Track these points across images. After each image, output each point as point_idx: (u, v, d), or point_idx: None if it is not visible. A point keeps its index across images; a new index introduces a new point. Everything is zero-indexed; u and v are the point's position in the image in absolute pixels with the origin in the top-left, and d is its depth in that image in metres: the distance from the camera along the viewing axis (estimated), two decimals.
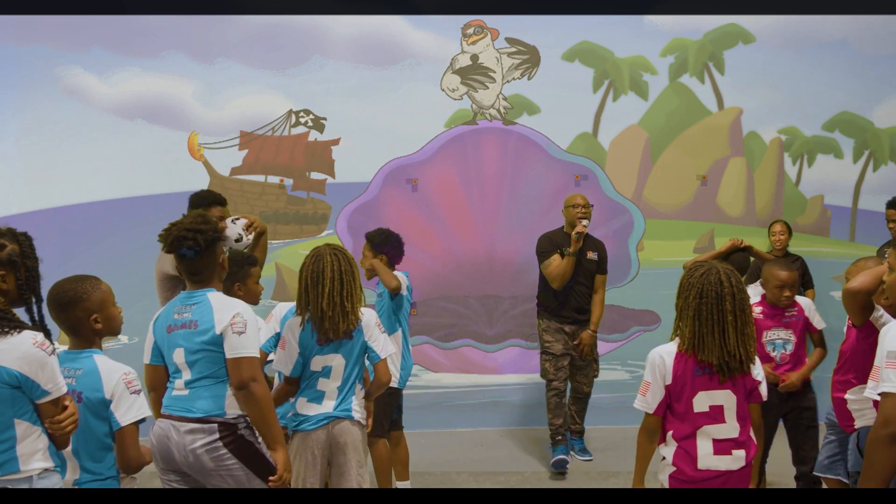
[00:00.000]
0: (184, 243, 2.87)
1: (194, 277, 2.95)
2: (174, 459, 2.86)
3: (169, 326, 2.93)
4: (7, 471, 2.25)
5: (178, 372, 2.91)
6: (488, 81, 6.36)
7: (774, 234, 5.98)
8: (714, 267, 2.78)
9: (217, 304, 2.89)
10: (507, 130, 6.46)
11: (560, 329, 5.35)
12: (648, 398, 2.84)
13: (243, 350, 2.84)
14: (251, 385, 2.82)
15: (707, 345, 2.73)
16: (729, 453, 2.78)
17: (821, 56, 6.68)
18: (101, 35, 6.15)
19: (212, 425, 2.83)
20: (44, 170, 6.18)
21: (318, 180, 6.37)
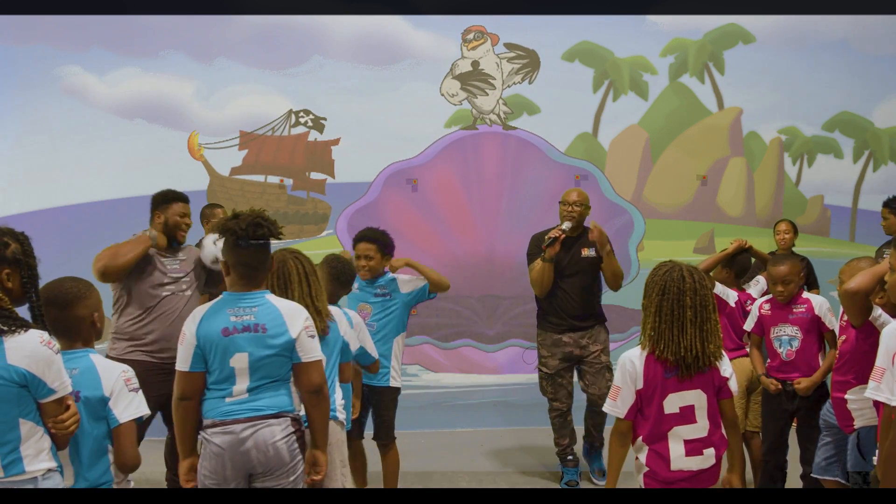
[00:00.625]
0: (259, 231, 2.78)
1: (254, 273, 2.84)
2: (248, 460, 2.78)
3: (225, 329, 2.77)
4: (12, 472, 2.25)
5: (231, 378, 2.79)
6: (488, 88, 6.37)
7: (779, 233, 5.94)
8: (677, 265, 2.81)
9: (283, 308, 2.84)
10: (507, 133, 6.46)
11: (557, 341, 4.83)
12: (619, 403, 2.86)
13: (316, 354, 2.84)
14: (325, 387, 2.86)
15: (664, 340, 2.76)
16: (700, 453, 2.82)
17: (821, 56, 6.68)
18: (101, 35, 6.15)
19: (286, 419, 2.84)
20: (44, 170, 6.18)
21: (318, 180, 6.37)
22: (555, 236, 4.61)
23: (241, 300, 2.82)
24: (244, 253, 2.81)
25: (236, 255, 2.83)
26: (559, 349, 4.83)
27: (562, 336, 4.83)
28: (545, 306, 4.89)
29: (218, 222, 2.86)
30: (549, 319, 4.87)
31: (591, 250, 4.79)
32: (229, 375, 2.79)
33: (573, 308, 4.81)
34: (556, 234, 4.63)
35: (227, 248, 2.83)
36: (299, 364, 2.82)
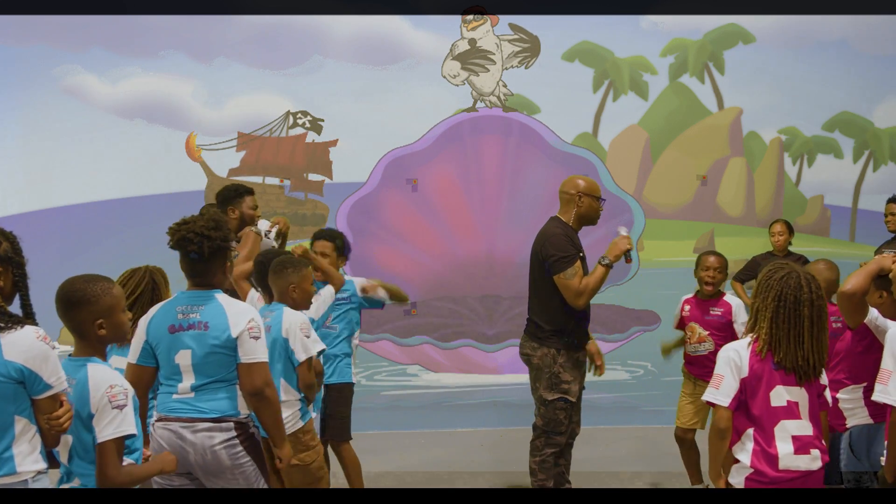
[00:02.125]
0: (189, 246, 2.84)
1: (197, 280, 2.92)
2: (187, 461, 2.82)
3: (172, 326, 2.85)
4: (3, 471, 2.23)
5: (177, 374, 2.85)
6: (488, 64, 6.35)
7: (774, 234, 5.96)
8: (794, 271, 2.75)
9: (230, 307, 2.87)
10: (508, 122, 6.43)
11: (578, 362, 4.08)
12: (722, 390, 2.74)
13: (258, 356, 2.83)
14: (266, 390, 2.84)
15: (783, 348, 2.71)
16: (808, 452, 2.72)
17: (821, 56, 6.68)
18: (101, 35, 6.15)
19: (228, 424, 2.83)
20: (44, 170, 6.18)
21: (316, 181, 6.37)
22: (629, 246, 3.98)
23: (192, 299, 2.88)
24: (184, 262, 2.91)
25: (180, 262, 2.93)
26: (580, 371, 4.08)
27: (579, 355, 4.07)
28: (574, 323, 4.00)
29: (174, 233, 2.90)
30: (574, 336, 4.02)
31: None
32: (175, 371, 2.86)
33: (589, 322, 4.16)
34: (629, 243, 3.99)
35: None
36: (240, 365, 2.83)
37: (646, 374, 6.40)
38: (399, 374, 6.40)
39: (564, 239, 3.92)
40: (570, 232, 3.97)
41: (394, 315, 6.26)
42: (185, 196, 6.20)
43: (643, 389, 6.28)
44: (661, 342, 4.91)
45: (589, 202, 4.00)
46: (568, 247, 3.89)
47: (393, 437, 5.50)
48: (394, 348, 6.36)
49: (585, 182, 4.05)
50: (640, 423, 6.05)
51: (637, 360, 6.34)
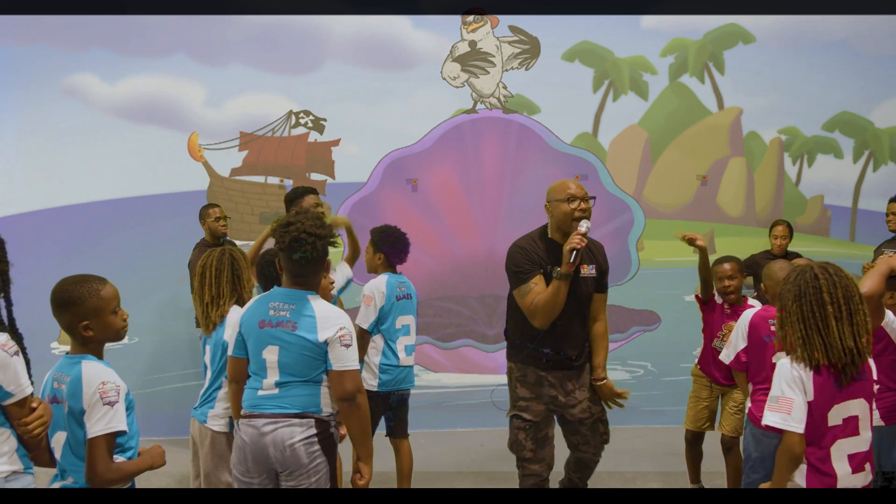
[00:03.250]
0: (302, 247, 2.82)
1: (299, 280, 2.90)
2: (267, 457, 2.82)
3: (262, 321, 2.87)
4: None
5: (263, 370, 2.86)
6: (488, 66, 6.35)
7: (776, 237, 5.93)
8: (806, 266, 2.64)
9: (321, 312, 2.85)
10: (508, 123, 6.45)
11: (541, 380, 3.68)
12: (794, 416, 2.52)
13: (350, 363, 2.82)
14: (358, 397, 2.84)
15: (815, 346, 2.53)
16: (863, 469, 2.61)
17: (821, 56, 6.68)
18: (101, 35, 6.15)
19: (309, 420, 2.83)
20: (44, 170, 6.18)
21: (319, 181, 6.37)
22: (577, 245, 3.43)
23: (286, 297, 2.88)
24: (288, 261, 2.88)
25: (282, 259, 2.92)
26: (543, 391, 3.69)
27: (546, 374, 3.68)
28: (530, 336, 3.65)
29: (275, 222, 2.92)
30: (532, 353, 3.67)
31: (592, 268, 3.70)
32: (262, 367, 2.87)
33: (569, 342, 3.67)
34: (578, 242, 3.44)
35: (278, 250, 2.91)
36: (331, 371, 2.82)
37: (646, 374, 6.40)
38: None
39: (520, 253, 3.61)
40: (534, 245, 3.61)
41: None
42: (185, 196, 6.21)
43: (643, 389, 6.28)
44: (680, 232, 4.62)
45: (555, 207, 3.57)
46: (522, 261, 3.58)
47: None
48: None
49: (551, 188, 3.66)
50: (640, 424, 6.04)
51: (637, 360, 6.34)
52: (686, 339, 6.50)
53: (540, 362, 3.65)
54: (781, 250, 5.91)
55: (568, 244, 3.43)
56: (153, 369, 6.07)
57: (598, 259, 3.72)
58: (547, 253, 3.58)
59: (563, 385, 3.68)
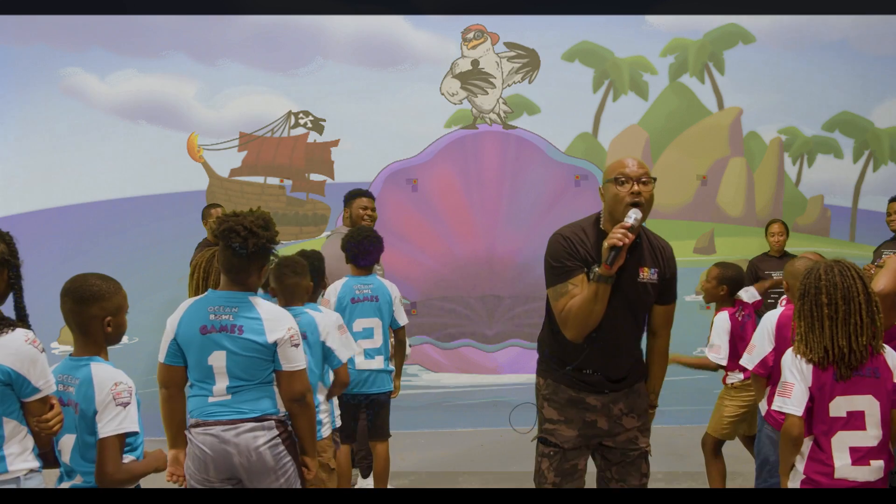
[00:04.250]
0: (234, 238, 2.77)
1: (232, 276, 2.84)
2: (231, 464, 2.78)
3: (203, 327, 2.78)
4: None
5: (210, 377, 2.80)
6: (488, 87, 6.38)
7: (774, 234, 5.96)
8: (818, 264, 2.71)
9: (266, 313, 2.81)
10: (507, 133, 6.46)
11: (576, 401, 2.98)
12: (794, 400, 2.65)
13: (299, 363, 2.81)
14: (307, 396, 2.84)
15: (807, 342, 2.66)
16: (867, 463, 2.62)
17: (821, 56, 6.68)
18: (101, 35, 6.15)
19: (269, 422, 2.80)
20: (44, 170, 6.18)
21: (318, 181, 6.37)
22: (618, 242, 2.72)
23: (225, 299, 2.81)
24: (223, 255, 2.83)
25: (220, 255, 2.87)
26: (578, 414, 2.98)
27: (585, 396, 2.97)
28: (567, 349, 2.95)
29: (214, 220, 2.87)
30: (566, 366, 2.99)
31: (654, 273, 2.98)
32: (208, 374, 2.80)
33: (616, 363, 2.96)
34: (621, 238, 2.72)
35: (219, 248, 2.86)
36: (280, 372, 2.79)
37: None
38: None
39: (562, 244, 2.90)
40: (581, 236, 2.91)
41: None
42: (185, 196, 6.21)
43: None
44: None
45: (607, 189, 2.94)
46: (562, 255, 2.88)
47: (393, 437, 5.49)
48: None
49: (607, 166, 3.04)
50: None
51: None
52: (686, 339, 6.49)
53: (572, 379, 2.98)
54: (779, 248, 5.92)
55: (608, 239, 2.74)
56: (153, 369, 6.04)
57: (662, 262, 3.03)
58: (596, 247, 2.84)
59: (608, 409, 2.97)
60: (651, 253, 3.03)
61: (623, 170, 2.90)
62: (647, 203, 2.95)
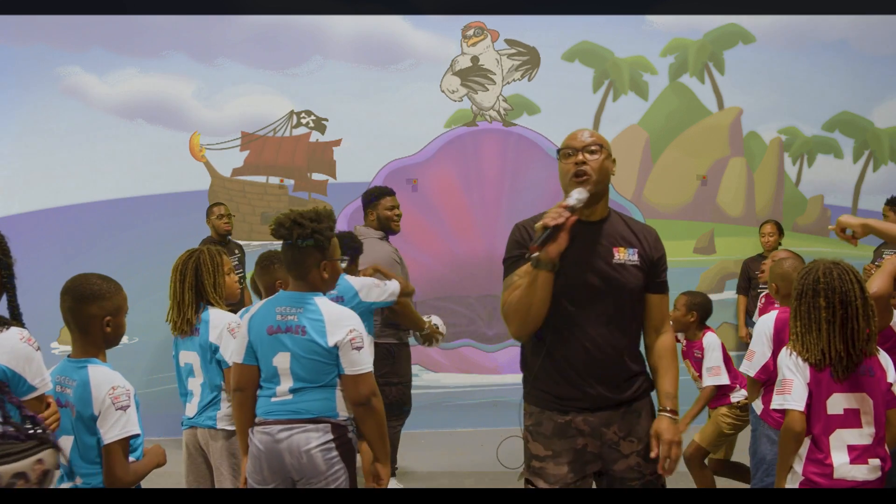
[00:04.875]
0: (280, 231, 2.76)
1: (293, 273, 2.82)
2: (283, 464, 2.74)
3: (270, 327, 2.77)
4: None
5: (275, 377, 2.78)
6: (488, 83, 6.38)
7: (764, 234, 6.02)
8: (818, 264, 2.70)
9: (329, 315, 2.76)
10: (507, 131, 6.46)
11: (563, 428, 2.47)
12: (794, 396, 2.65)
13: (363, 366, 2.75)
14: (373, 400, 2.77)
15: (804, 343, 2.66)
16: (866, 462, 2.62)
17: (821, 56, 6.68)
18: (101, 35, 6.15)
19: (325, 425, 2.75)
20: (44, 170, 6.18)
21: (320, 181, 6.37)
22: (555, 223, 2.30)
23: (292, 300, 2.79)
24: (286, 253, 2.82)
25: (282, 254, 2.85)
26: (567, 444, 2.47)
27: (571, 419, 2.47)
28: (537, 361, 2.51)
29: (275, 220, 2.84)
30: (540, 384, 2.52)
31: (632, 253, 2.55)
32: (274, 374, 2.78)
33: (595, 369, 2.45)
34: (555, 217, 2.32)
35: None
36: (344, 376, 2.75)
37: None
38: None
39: (514, 236, 2.58)
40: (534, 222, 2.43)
41: None
42: (185, 196, 6.21)
43: None
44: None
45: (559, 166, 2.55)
46: (512, 246, 2.55)
47: None
48: None
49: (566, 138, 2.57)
50: None
51: None
52: None
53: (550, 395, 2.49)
54: (772, 247, 5.97)
55: (543, 219, 2.35)
56: (153, 369, 6.07)
57: (644, 244, 2.62)
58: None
59: (600, 433, 2.46)
60: (629, 233, 2.59)
61: (570, 142, 2.50)
62: (598, 174, 2.46)
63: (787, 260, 3.68)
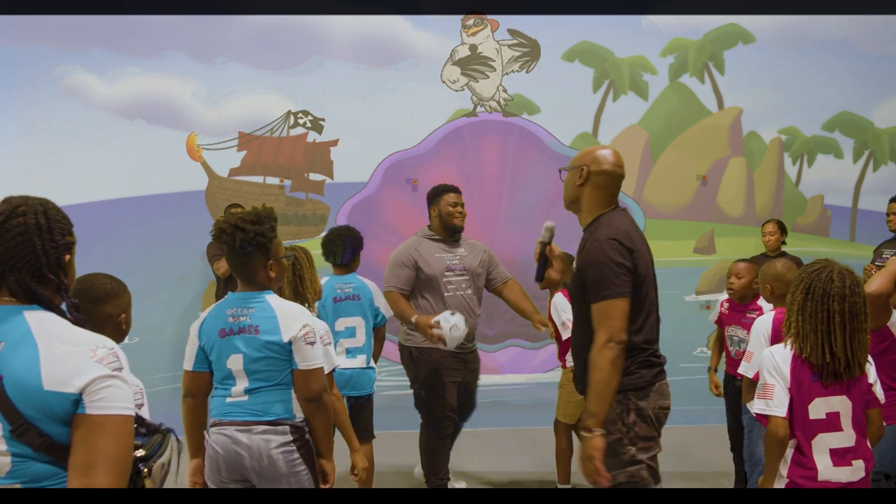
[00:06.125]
0: (221, 237, 2.77)
1: (240, 275, 2.81)
2: (243, 466, 2.74)
3: (222, 330, 2.77)
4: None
5: (230, 379, 2.78)
6: (488, 70, 6.36)
7: (766, 234, 6.00)
8: (829, 266, 2.66)
9: (281, 311, 2.77)
10: (508, 125, 6.45)
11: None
12: (775, 402, 2.65)
13: (315, 361, 2.75)
14: (324, 396, 2.77)
15: (810, 343, 2.62)
16: (849, 464, 2.63)
17: (821, 56, 6.68)
18: (101, 35, 6.15)
19: (285, 427, 2.75)
20: (44, 170, 6.18)
21: (317, 181, 6.37)
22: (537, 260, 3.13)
23: (241, 301, 2.79)
24: (230, 258, 2.81)
25: (227, 258, 2.85)
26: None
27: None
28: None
29: (214, 225, 2.83)
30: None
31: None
32: (228, 375, 2.79)
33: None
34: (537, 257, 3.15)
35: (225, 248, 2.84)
36: (296, 371, 2.74)
37: None
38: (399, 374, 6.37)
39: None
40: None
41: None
42: (185, 196, 6.21)
43: None
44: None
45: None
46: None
47: (393, 437, 5.49)
48: (394, 348, 6.35)
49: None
50: None
51: None
52: (686, 339, 6.50)
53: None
54: (774, 246, 5.93)
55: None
56: (152, 369, 6.07)
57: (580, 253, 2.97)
58: None
59: None
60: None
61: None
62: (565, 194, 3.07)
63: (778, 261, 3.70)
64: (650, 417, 2.75)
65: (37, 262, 1.74)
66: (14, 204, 1.85)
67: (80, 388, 1.60)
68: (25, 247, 1.74)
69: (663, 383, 2.83)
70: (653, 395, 2.76)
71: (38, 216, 1.81)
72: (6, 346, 1.65)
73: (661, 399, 2.79)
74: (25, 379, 1.61)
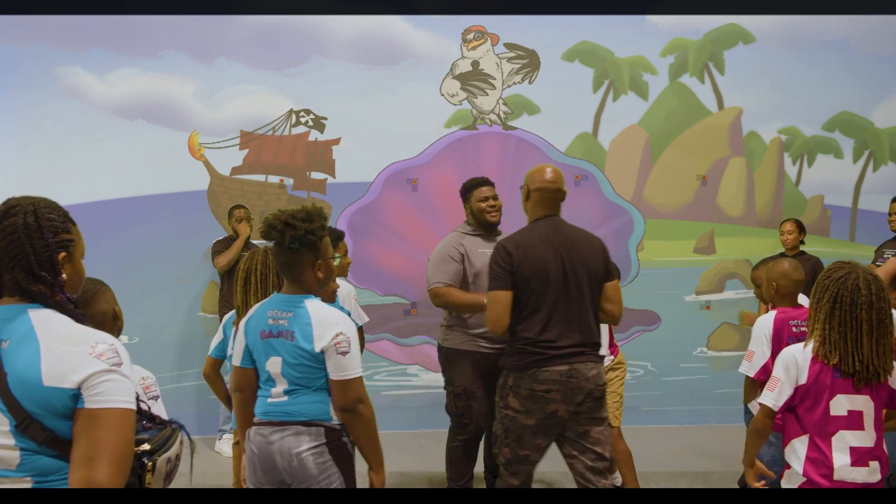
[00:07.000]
0: (271, 233, 2.71)
1: (286, 275, 2.77)
2: (275, 466, 2.70)
3: (262, 332, 2.74)
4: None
5: (270, 380, 2.75)
6: (488, 88, 6.37)
7: (783, 233, 5.97)
8: (854, 271, 2.64)
9: (317, 318, 2.68)
10: (507, 134, 6.46)
11: None
12: (776, 394, 2.71)
13: (349, 371, 2.67)
14: (359, 407, 2.69)
15: (838, 351, 2.61)
16: (866, 465, 2.63)
17: (821, 56, 6.68)
18: (101, 35, 6.15)
19: (319, 429, 2.69)
20: (44, 170, 6.17)
21: (319, 180, 6.37)
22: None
23: (283, 304, 2.75)
24: (278, 256, 2.77)
25: (274, 256, 2.83)
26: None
27: None
28: None
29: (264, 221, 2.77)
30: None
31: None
32: (269, 377, 2.75)
33: None
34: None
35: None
36: (330, 380, 2.69)
37: (646, 374, 6.40)
38: (399, 374, 6.39)
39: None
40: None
41: (394, 315, 6.26)
42: (185, 196, 6.21)
43: (643, 389, 6.28)
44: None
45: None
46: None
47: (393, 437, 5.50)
48: (394, 348, 6.36)
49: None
50: (640, 424, 6.04)
51: (637, 360, 6.33)
52: (686, 339, 6.50)
53: None
54: (792, 245, 5.91)
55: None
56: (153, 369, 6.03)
57: None
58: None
59: None
60: None
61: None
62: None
63: (785, 260, 3.69)
64: (520, 394, 3.36)
65: (27, 262, 1.77)
66: (9, 205, 1.88)
67: (78, 384, 1.64)
68: (15, 247, 1.77)
69: (542, 370, 3.32)
70: (527, 378, 3.34)
71: (27, 216, 1.82)
72: (10, 344, 1.70)
73: (534, 383, 3.33)
74: (27, 375, 1.66)
